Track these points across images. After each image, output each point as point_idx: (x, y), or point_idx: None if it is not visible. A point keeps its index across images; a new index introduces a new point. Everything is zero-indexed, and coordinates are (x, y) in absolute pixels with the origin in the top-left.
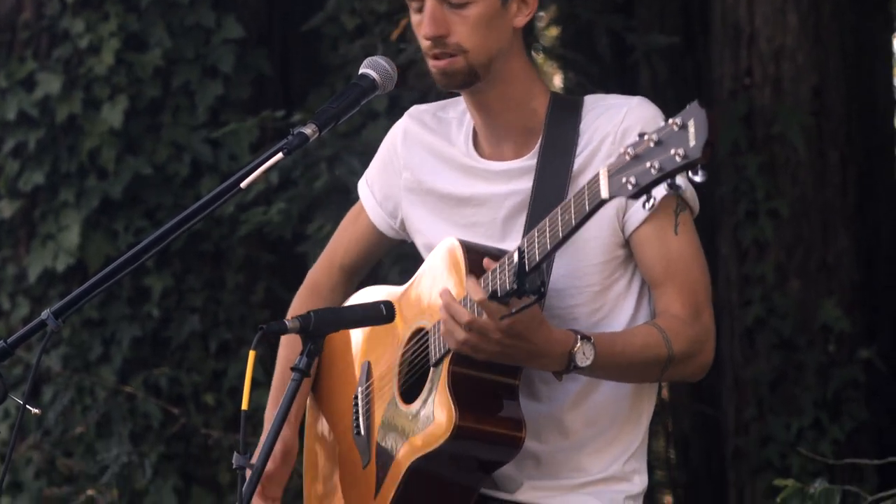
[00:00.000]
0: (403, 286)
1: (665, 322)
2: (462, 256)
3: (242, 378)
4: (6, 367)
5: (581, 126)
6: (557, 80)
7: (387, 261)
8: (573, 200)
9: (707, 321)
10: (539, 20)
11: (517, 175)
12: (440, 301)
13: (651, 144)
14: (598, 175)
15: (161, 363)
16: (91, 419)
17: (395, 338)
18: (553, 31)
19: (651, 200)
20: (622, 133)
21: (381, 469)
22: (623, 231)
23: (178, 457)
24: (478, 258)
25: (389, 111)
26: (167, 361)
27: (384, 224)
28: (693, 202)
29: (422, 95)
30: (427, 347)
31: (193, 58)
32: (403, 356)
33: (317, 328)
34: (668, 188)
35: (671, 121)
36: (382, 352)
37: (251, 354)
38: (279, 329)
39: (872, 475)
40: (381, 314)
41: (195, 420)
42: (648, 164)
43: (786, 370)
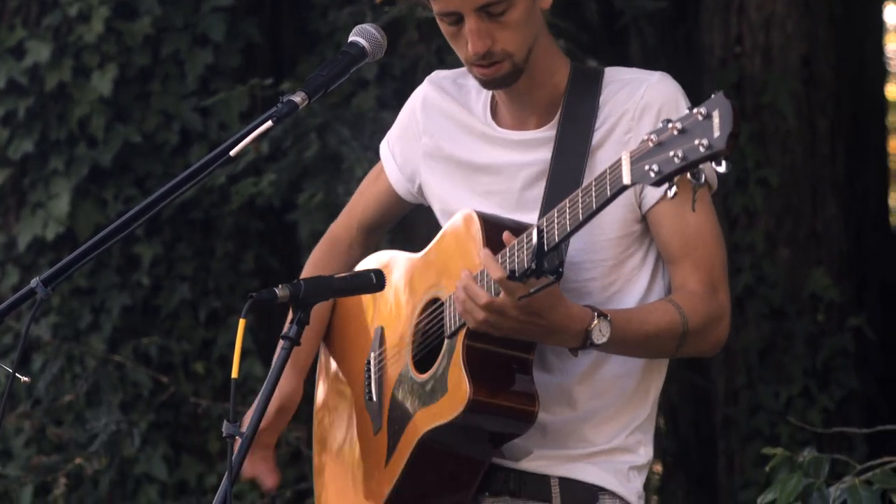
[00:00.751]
0: (419, 253)
1: (681, 298)
2: (479, 229)
3: (232, 347)
4: None
5: (601, 99)
6: None
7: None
8: (594, 184)
9: (723, 298)
10: None
11: (536, 146)
12: (456, 273)
13: (675, 133)
14: (621, 160)
15: (151, 332)
16: (80, 388)
17: (410, 305)
18: None
19: (673, 188)
20: (641, 109)
21: (393, 437)
22: (640, 207)
23: (168, 425)
24: (495, 232)
25: (379, 79)
26: (157, 330)
27: (402, 188)
28: (711, 179)
29: (411, 64)
30: (442, 319)
31: (183, 26)
32: (417, 325)
33: (307, 296)
34: (691, 178)
35: (696, 110)
36: (396, 318)
37: (241, 323)
38: (269, 297)
39: (861, 444)
40: (371, 283)
41: (185, 389)
42: (672, 153)
43: (775, 339)
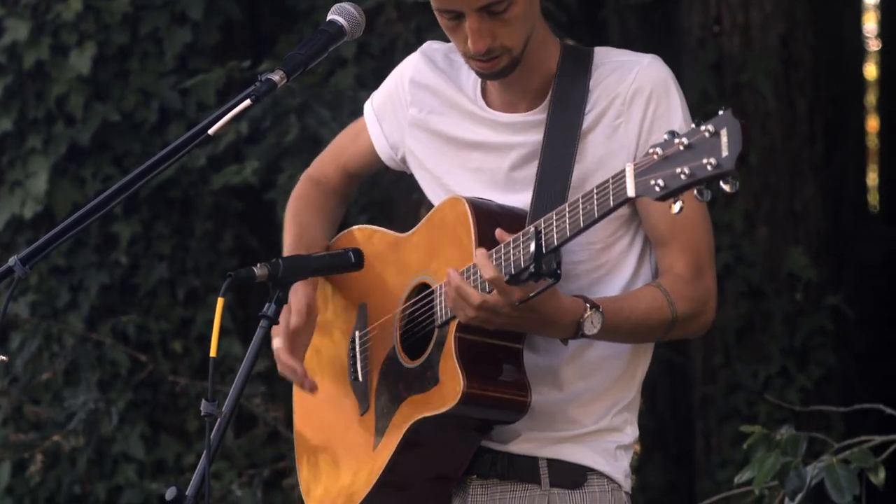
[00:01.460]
0: (407, 233)
1: (668, 282)
2: (471, 219)
3: (210, 325)
4: None
5: (591, 82)
6: None
7: (353, 209)
8: (596, 192)
9: (709, 281)
10: None
11: (526, 128)
12: (446, 259)
13: (681, 147)
14: (625, 172)
15: (129, 310)
16: (58, 366)
17: (398, 287)
18: None
19: (678, 203)
20: (633, 94)
21: (381, 421)
22: None
23: (146, 404)
24: (486, 220)
25: (357, 58)
26: (135, 309)
27: (386, 154)
28: None
29: (390, 42)
30: (432, 306)
31: (161, 4)
32: (405, 310)
33: (285, 275)
34: (697, 195)
35: (703, 127)
36: (382, 298)
37: (219, 302)
38: (247, 276)
39: (839, 422)
40: (350, 262)
41: (163, 367)
42: (679, 170)
43: (753, 318)
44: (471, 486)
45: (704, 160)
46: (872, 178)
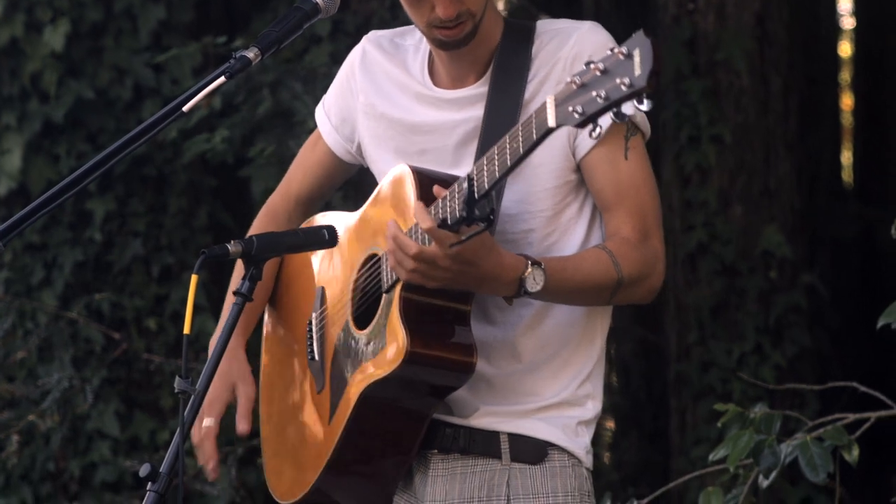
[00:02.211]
0: (357, 212)
1: (614, 245)
2: (413, 183)
3: (185, 303)
4: None
5: (532, 52)
6: (500, 4)
7: None
8: (521, 128)
9: (656, 244)
10: None
11: (469, 103)
12: (390, 240)
13: (597, 73)
14: (546, 103)
15: (103, 288)
16: (32, 344)
17: (349, 263)
18: None
19: (598, 129)
20: (573, 58)
21: (335, 395)
22: (574, 156)
23: (120, 382)
24: (429, 185)
25: (332, 35)
26: (109, 286)
27: (341, 149)
28: (644, 126)
29: (365, 20)
30: (380, 274)
31: None
32: (356, 282)
33: (259, 252)
34: (614, 117)
35: (616, 50)
36: (336, 278)
37: (193, 279)
38: (221, 253)
39: (813, 400)
40: (324, 238)
41: (137, 345)
42: (594, 93)
43: (728, 296)
44: (432, 461)
45: (618, 81)
46: (847, 157)
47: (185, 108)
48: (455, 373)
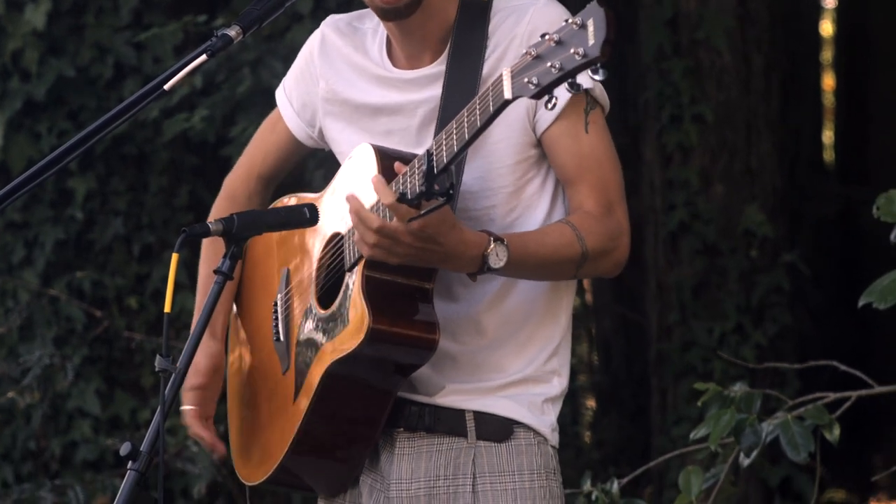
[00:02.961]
0: (320, 193)
1: (577, 219)
2: (375, 161)
3: (166, 281)
4: None
5: (489, 29)
6: None
7: (311, 163)
8: (478, 102)
9: (620, 217)
10: None
11: (428, 82)
12: (352, 214)
13: (552, 44)
14: (502, 76)
15: (84, 266)
16: (14, 322)
17: (313, 244)
18: None
19: (553, 100)
20: (528, 34)
21: (300, 374)
22: (535, 131)
23: (101, 360)
24: (390, 163)
25: (314, 13)
26: (90, 264)
27: (302, 133)
28: (603, 100)
29: None
30: (342, 252)
31: None
32: (321, 262)
33: (240, 231)
34: (569, 87)
35: (571, 20)
36: (301, 259)
37: (174, 257)
38: (202, 232)
39: (794, 380)
40: (305, 217)
41: (118, 323)
42: (549, 64)
43: (709, 275)
44: (397, 440)
45: (573, 51)
46: (828, 136)
47: (167, 87)
48: (418, 350)
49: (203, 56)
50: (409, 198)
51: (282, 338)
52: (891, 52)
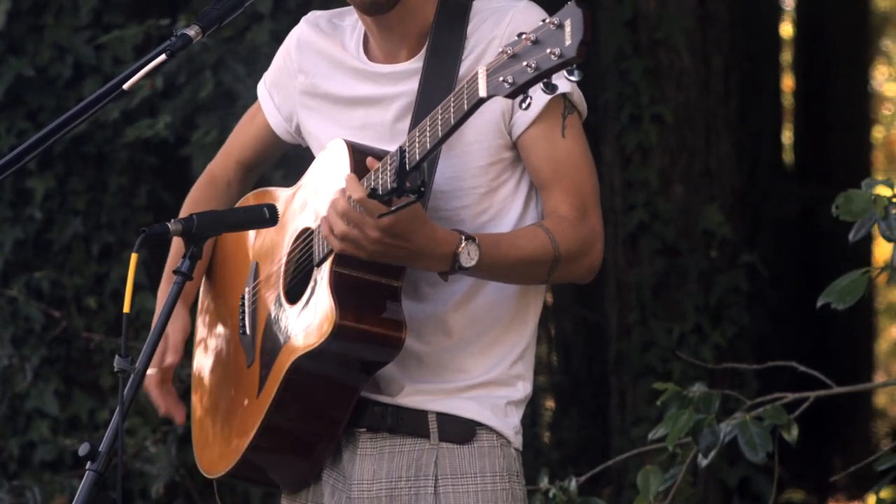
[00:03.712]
0: (292, 188)
1: (552, 223)
2: (348, 157)
3: (125, 281)
4: None
5: (468, 29)
6: None
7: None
8: (453, 99)
9: (594, 222)
10: None
11: (404, 77)
12: (326, 200)
13: (529, 44)
14: (477, 73)
15: (43, 266)
16: None
17: (283, 238)
18: None
19: (528, 100)
20: (508, 36)
21: (265, 368)
22: (510, 134)
23: (60, 360)
24: (363, 159)
25: (273, 13)
26: (49, 264)
27: (281, 128)
28: (581, 105)
29: None
30: (311, 247)
31: None
32: (290, 256)
33: (199, 231)
34: (544, 88)
35: (548, 20)
36: (270, 253)
37: (133, 257)
38: (161, 232)
39: (752, 380)
40: (264, 217)
41: (77, 323)
42: (525, 63)
43: (668, 275)
44: (360, 440)
45: (549, 51)
46: (787, 137)
47: (126, 86)
48: (384, 347)
49: (162, 56)
50: (381, 193)
51: (248, 331)
52: (849, 53)
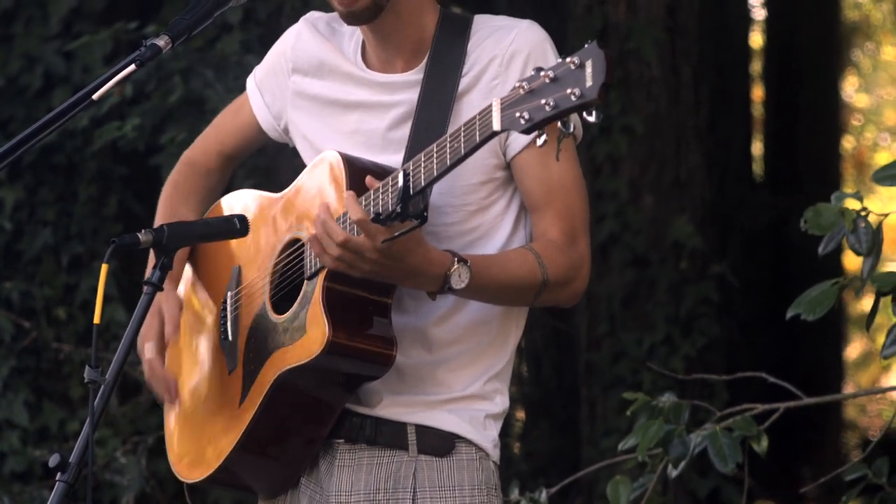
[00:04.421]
0: (279, 193)
1: (541, 247)
2: (343, 171)
3: (94, 292)
4: None
5: (469, 45)
6: None
7: (240, 172)
8: (463, 129)
9: (583, 248)
10: None
11: (403, 88)
12: (318, 225)
13: (547, 81)
14: (491, 106)
15: (13, 276)
16: None
17: (270, 246)
18: None
19: (543, 136)
20: (510, 56)
21: (248, 377)
22: (505, 154)
23: (29, 371)
24: (359, 174)
25: (243, 23)
26: (19, 275)
27: (268, 124)
28: (577, 129)
29: (276, 7)
30: (302, 259)
31: None
32: (276, 265)
33: (170, 241)
34: (561, 126)
35: (569, 59)
36: (255, 258)
37: (103, 268)
38: (131, 242)
39: (722, 391)
40: (235, 228)
41: (46, 334)
42: (543, 101)
43: (638, 286)
44: (338, 451)
45: (569, 90)
46: (757, 147)
47: (96, 97)
48: (374, 364)
49: (132, 66)
50: (382, 217)
51: (230, 337)
52: (819, 64)
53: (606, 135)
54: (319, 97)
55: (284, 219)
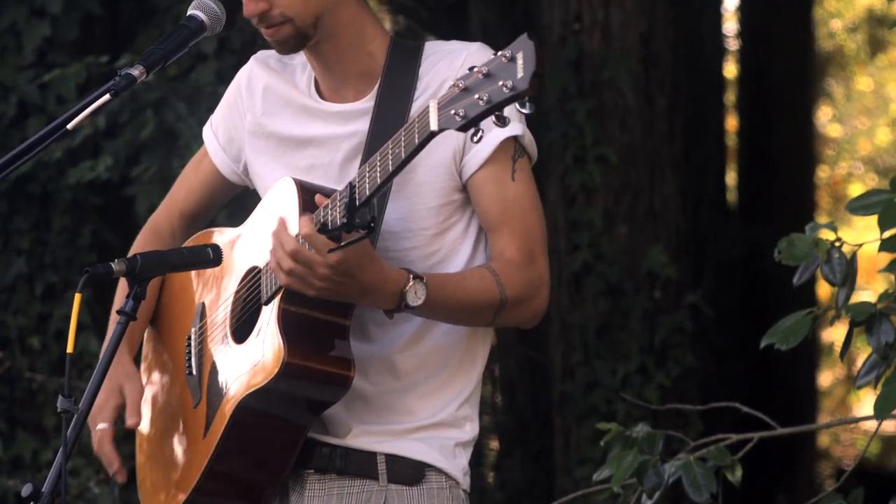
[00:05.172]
0: (239, 228)
1: (499, 266)
2: (297, 195)
3: (68, 321)
4: None
5: (420, 71)
6: (387, 25)
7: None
8: (403, 133)
9: (541, 267)
10: None
11: (354, 117)
12: (273, 238)
13: (480, 77)
14: (428, 107)
15: None
16: None
17: (230, 278)
18: None
19: (479, 133)
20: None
21: (212, 408)
22: (461, 175)
23: (3, 400)
24: (312, 196)
25: (218, 53)
26: None
27: (227, 168)
28: (531, 149)
29: (251, 38)
30: (259, 285)
31: None
32: (237, 295)
33: (143, 271)
34: (496, 121)
35: (500, 53)
36: (217, 293)
37: (77, 297)
38: (105, 272)
39: (696, 421)
40: (208, 257)
41: (20, 363)
42: (477, 96)
43: (612, 316)
44: (308, 482)
45: (501, 83)
46: (731, 177)
47: (70, 126)
48: (332, 386)
49: (106, 96)
50: (330, 229)
51: (194, 371)
52: (793, 94)
53: (581, 165)
54: (275, 135)
55: (243, 251)
